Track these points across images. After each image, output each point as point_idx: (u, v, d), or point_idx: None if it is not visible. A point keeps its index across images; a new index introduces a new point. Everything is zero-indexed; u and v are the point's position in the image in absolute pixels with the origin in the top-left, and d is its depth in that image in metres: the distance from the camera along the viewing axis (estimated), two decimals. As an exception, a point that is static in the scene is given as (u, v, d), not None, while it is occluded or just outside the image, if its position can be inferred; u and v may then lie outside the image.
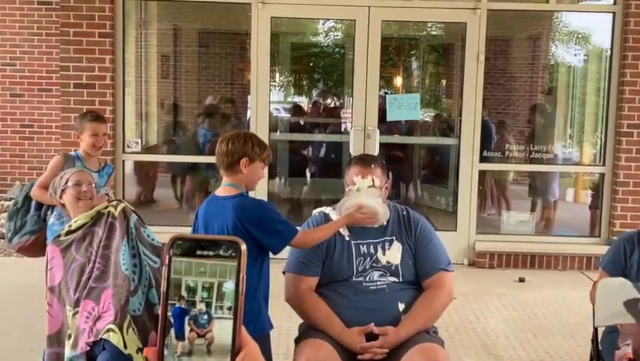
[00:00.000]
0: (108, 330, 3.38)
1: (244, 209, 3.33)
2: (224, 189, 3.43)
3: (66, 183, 3.83)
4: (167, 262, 1.04)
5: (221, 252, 1.03)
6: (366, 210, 3.43)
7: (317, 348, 3.24)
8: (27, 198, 4.64)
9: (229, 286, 1.02)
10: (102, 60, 7.30)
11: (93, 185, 3.89)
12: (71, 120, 7.27)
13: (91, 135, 4.80)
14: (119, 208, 3.71)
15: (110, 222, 3.65)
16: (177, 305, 1.02)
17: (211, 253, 1.03)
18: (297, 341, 3.46)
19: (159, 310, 1.05)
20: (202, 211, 3.51)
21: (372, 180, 3.48)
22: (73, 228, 3.67)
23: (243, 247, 1.03)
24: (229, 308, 1.02)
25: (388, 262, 3.46)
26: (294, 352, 3.38)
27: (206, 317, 1.02)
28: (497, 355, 5.13)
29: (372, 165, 3.54)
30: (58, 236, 3.68)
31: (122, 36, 7.47)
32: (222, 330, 1.02)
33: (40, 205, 4.64)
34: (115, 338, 3.35)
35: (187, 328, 1.02)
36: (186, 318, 1.01)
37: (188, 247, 1.04)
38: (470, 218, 7.60)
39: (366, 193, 3.46)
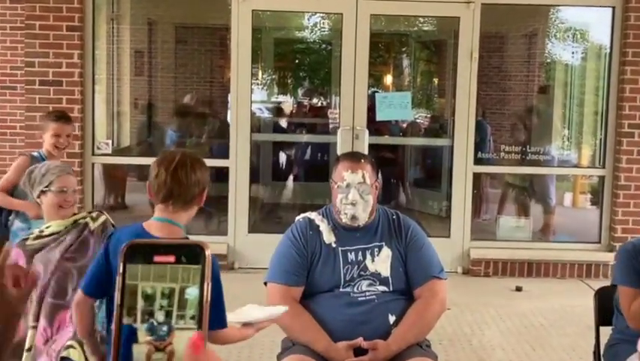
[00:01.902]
0: (68, 347, 3.33)
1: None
2: (164, 227, 2.83)
3: (49, 185, 3.67)
4: (121, 270, 0.96)
5: (182, 258, 0.97)
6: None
7: (301, 364, 3.18)
8: None
9: (192, 292, 0.97)
10: (70, 55, 7.22)
11: (76, 192, 3.80)
12: (37, 120, 7.17)
13: (52, 135, 4.78)
14: (99, 222, 3.64)
15: (84, 236, 3.57)
16: (126, 322, 0.94)
17: (171, 259, 0.96)
18: (280, 357, 3.40)
19: (112, 324, 0.98)
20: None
21: (363, 176, 3.43)
22: (44, 233, 3.59)
23: (208, 252, 0.97)
24: (192, 317, 0.97)
25: (377, 271, 3.40)
26: (277, 369, 3.32)
27: (165, 328, 0.96)
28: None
29: (363, 160, 3.50)
30: (25, 239, 3.60)
31: (91, 30, 7.39)
32: (184, 342, 0.96)
33: (0, 210, 4.57)
34: (75, 355, 3.29)
35: (142, 344, 0.94)
36: (135, 343, 0.94)
37: (145, 254, 0.97)
38: (464, 223, 7.57)
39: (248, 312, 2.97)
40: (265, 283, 3.53)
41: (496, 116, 9.37)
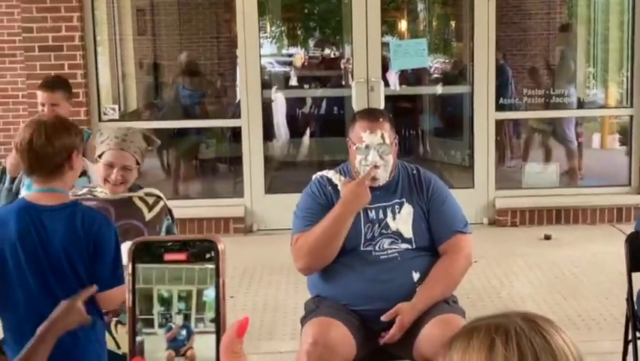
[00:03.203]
0: None
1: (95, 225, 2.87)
2: (45, 196, 2.86)
3: (102, 154, 3.58)
4: (130, 270, 0.97)
5: (195, 254, 0.96)
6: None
7: (327, 327, 3.22)
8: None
9: (210, 294, 0.96)
10: (69, 19, 7.20)
11: (132, 170, 3.58)
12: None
13: (41, 104, 4.69)
14: (154, 212, 3.57)
15: (133, 225, 3.49)
16: (142, 328, 0.94)
17: (182, 257, 0.97)
18: (304, 321, 3.43)
19: (127, 329, 0.99)
20: (9, 229, 2.84)
21: (382, 136, 3.44)
22: (95, 193, 3.59)
23: (221, 246, 0.97)
24: (212, 320, 0.97)
25: (399, 229, 3.43)
26: (301, 333, 3.36)
27: (184, 332, 0.96)
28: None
29: (381, 119, 3.50)
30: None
31: (90, -10, 7.37)
32: (205, 346, 0.97)
33: (13, 179, 4.59)
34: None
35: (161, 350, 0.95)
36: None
37: (154, 251, 0.98)
38: (488, 173, 7.56)
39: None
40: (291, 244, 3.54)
41: (516, 58, 9.30)
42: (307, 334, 3.24)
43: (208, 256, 0.98)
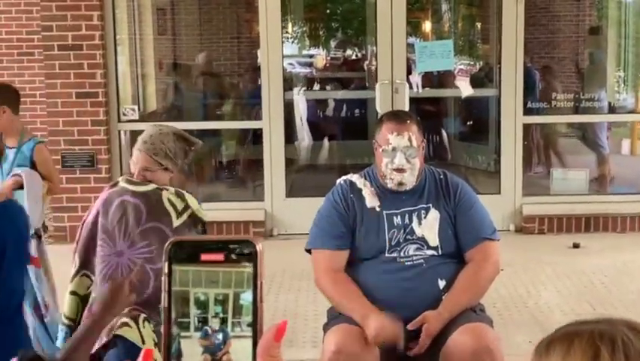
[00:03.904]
0: (122, 324, 3.34)
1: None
2: None
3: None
4: (166, 270, 0.97)
5: (233, 255, 0.96)
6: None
7: (350, 335, 3.22)
8: None
9: (247, 297, 0.97)
10: (89, 17, 7.24)
11: (154, 171, 3.62)
12: (57, 87, 7.25)
13: None
14: (181, 219, 3.59)
15: (160, 229, 3.53)
16: (177, 332, 0.95)
17: (220, 256, 0.97)
18: (326, 327, 3.43)
19: (162, 330, 0.99)
20: None
21: (409, 138, 3.43)
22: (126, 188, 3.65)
23: (259, 247, 0.97)
24: (249, 325, 0.97)
25: (424, 235, 3.41)
26: (323, 340, 3.36)
27: (221, 336, 0.97)
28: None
29: (408, 121, 3.50)
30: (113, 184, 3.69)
31: (110, -12, 7.41)
32: (241, 351, 0.97)
33: None
34: (130, 334, 3.32)
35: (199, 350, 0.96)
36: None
37: (191, 251, 0.98)
38: (515, 178, 7.53)
39: None
40: (308, 251, 3.56)
41: (544, 61, 9.27)
42: (329, 342, 3.24)
43: (246, 257, 0.98)
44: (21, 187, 4.46)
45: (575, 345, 1.27)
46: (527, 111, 7.63)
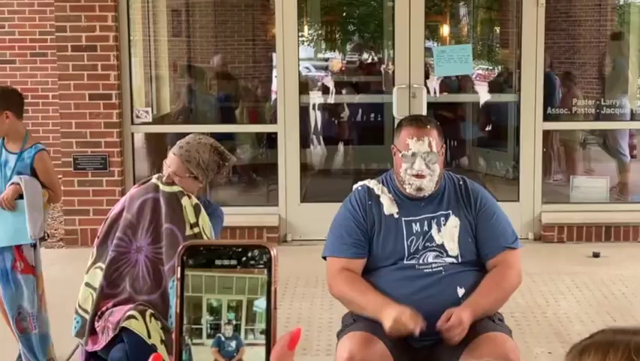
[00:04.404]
0: (129, 317, 3.38)
1: None
2: None
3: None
4: (179, 275, 0.98)
5: (247, 261, 0.97)
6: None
7: (364, 342, 3.21)
8: None
9: (261, 304, 0.97)
10: (104, 18, 7.27)
11: (184, 178, 3.67)
12: (71, 89, 7.27)
13: None
14: (192, 232, 3.62)
15: (174, 233, 3.58)
16: (189, 338, 0.96)
17: (234, 262, 0.97)
18: (340, 335, 3.42)
19: (172, 335, 0.99)
20: None
21: (429, 144, 3.41)
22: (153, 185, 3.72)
23: (274, 252, 0.97)
24: (262, 332, 0.97)
25: (444, 242, 3.40)
26: (337, 347, 3.35)
27: (234, 343, 0.97)
28: (572, 342, 5.05)
29: (429, 126, 3.47)
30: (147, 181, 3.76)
31: (125, -11, 7.43)
32: (255, 359, 0.97)
33: None
34: (137, 326, 3.34)
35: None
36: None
37: (204, 256, 0.98)
38: (535, 186, 7.51)
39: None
40: (324, 258, 3.55)
41: (565, 67, 9.24)
42: (343, 348, 3.23)
43: (260, 263, 0.98)
44: (21, 196, 4.43)
45: (610, 356, 1.25)
46: (547, 117, 7.61)
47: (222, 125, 8.73)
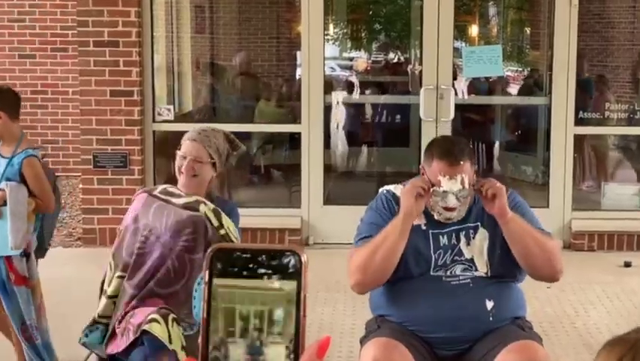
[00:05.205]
0: (151, 320, 3.39)
1: None
2: None
3: (180, 147, 3.80)
4: (207, 279, 1.00)
5: (277, 268, 1.00)
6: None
7: (388, 349, 3.20)
8: None
9: (280, 313, 1.01)
10: (127, 13, 7.29)
11: (204, 163, 3.72)
12: (91, 85, 7.30)
13: None
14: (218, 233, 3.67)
15: (205, 225, 3.63)
16: (223, 337, 1.00)
17: (263, 270, 1.00)
18: (364, 341, 3.42)
19: (199, 340, 1.02)
20: None
21: (462, 181, 3.33)
22: (170, 190, 3.75)
23: (304, 257, 0.99)
24: (279, 333, 1.01)
25: (473, 256, 3.36)
26: (360, 353, 3.34)
27: (258, 343, 1.01)
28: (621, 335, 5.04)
29: (462, 162, 3.35)
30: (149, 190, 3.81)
31: (149, -16, 7.46)
32: (276, 355, 1.01)
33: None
34: (158, 330, 3.35)
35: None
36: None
37: (233, 262, 1.01)
38: (565, 192, 7.48)
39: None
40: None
41: (597, 70, 9.19)
42: (367, 355, 3.23)
43: (291, 268, 1.00)
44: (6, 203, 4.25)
45: None
46: (579, 122, 7.57)
47: (244, 124, 8.74)
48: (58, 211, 4.91)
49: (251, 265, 1.00)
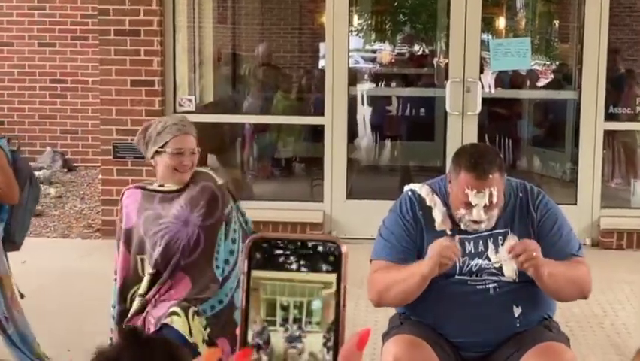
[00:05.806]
0: (171, 313, 3.41)
1: None
2: None
3: (164, 145, 3.65)
4: (246, 270, 1.01)
5: (316, 257, 0.99)
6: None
7: (411, 347, 3.20)
8: None
9: (317, 304, 1.04)
10: (148, 2, 7.29)
11: (197, 153, 3.74)
12: (112, 74, 7.31)
13: None
14: (220, 181, 3.74)
15: (212, 192, 3.68)
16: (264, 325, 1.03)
17: (303, 261, 1.03)
18: (386, 337, 3.41)
19: (237, 331, 1.06)
20: None
21: (490, 195, 3.24)
22: (162, 190, 3.75)
23: (344, 248, 1.00)
24: (317, 323, 1.04)
25: (502, 267, 3.28)
26: (382, 350, 3.33)
27: (298, 332, 1.05)
28: (629, 355, 5.01)
29: (490, 176, 3.25)
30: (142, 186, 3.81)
31: (171, -28, 7.46)
32: (314, 343, 1.04)
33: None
34: (179, 323, 3.37)
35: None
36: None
37: (272, 252, 1.04)
38: (594, 189, 7.43)
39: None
40: (371, 261, 3.49)
41: (628, 63, 9.14)
42: (389, 352, 3.22)
43: (331, 258, 1.01)
44: None
45: None
46: (609, 117, 7.51)
47: (266, 115, 8.75)
48: (34, 205, 4.84)
49: (291, 257, 1.03)
